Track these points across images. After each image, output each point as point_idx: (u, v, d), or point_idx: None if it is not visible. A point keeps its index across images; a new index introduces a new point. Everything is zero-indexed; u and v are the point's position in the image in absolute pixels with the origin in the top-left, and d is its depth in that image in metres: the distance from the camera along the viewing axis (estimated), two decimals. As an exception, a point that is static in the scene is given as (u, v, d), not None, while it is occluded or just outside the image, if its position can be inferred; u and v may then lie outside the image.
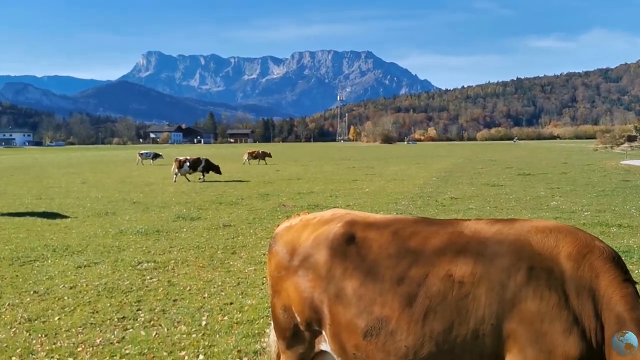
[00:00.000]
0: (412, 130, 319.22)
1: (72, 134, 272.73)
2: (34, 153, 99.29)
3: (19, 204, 18.87)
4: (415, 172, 33.59)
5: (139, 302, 7.49)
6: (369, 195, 20.57)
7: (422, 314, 2.86)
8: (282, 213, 15.89)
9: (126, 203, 18.88)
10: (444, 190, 21.88)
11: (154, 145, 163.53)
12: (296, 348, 3.48)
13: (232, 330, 6.33)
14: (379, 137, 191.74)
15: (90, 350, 5.77)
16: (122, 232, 12.98)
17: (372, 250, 3.17)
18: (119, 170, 40.25)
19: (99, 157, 69.81)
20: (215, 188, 24.08)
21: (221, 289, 8.11)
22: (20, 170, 40.66)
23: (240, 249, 10.95)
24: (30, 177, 32.81)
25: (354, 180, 27.30)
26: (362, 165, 41.92)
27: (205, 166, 29.36)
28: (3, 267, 9.60)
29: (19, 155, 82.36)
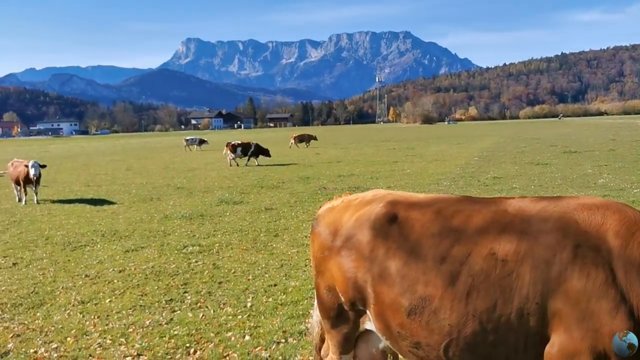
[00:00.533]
0: (453, 110, 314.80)
1: (116, 122, 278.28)
2: (81, 142, 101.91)
3: (69, 191, 19.45)
4: (456, 152, 33.16)
5: (185, 284, 7.65)
6: (410, 176, 20.42)
7: (465, 292, 2.83)
8: (322, 196, 15.93)
9: (170, 188, 19.24)
10: (486, 169, 21.54)
11: (197, 132, 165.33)
12: (341, 327, 3.50)
13: (276, 311, 6.42)
14: (418, 118, 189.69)
15: (141, 332, 5.95)
16: (167, 217, 13.25)
17: (414, 230, 3.15)
18: (162, 156, 40.99)
19: (143, 144, 71.19)
20: (257, 172, 24.29)
21: (265, 271, 8.22)
22: (68, 159, 41.85)
23: (283, 232, 11.05)
24: (78, 165, 33.75)
25: (394, 162, 27.13)
26: (403, 147, 41.57)
27: (255, 150, 29.69)
28: (56, 252, 9.95)
29: (67, 145, 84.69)
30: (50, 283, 7.93)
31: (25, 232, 11.96)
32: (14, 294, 7.46)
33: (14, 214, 14.69)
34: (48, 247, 10.41)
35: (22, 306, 6.93)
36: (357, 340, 3.52)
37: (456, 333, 2.85)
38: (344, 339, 3.52)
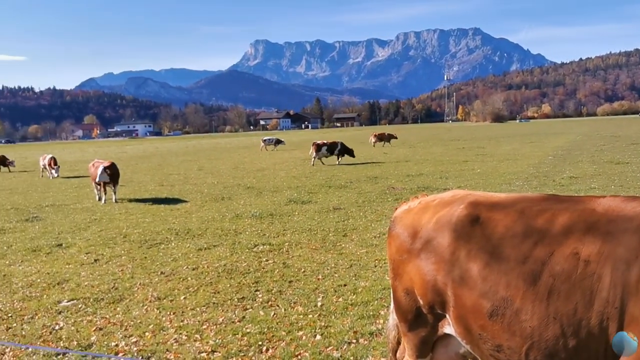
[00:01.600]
0: (525, 108, 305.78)
1: (188, 124, 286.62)
2: (155, 142, 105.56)
3: (144, 191, 20.18)
4: (529, 151, 32.14)
5: (256, 283, 7.78)
6: (481, 176, 19.96)
7: (546, 293, 2.72)
8: (391, 196, 15.83)
9: (240, 188, 19.62)
10: (561, 169, 20.77)
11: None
12: (418, 331, 3.45)
13: (347, 311, 6.42)
14: (488, 116, 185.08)
15: (214, 328, 6.09)
16: (238, 216, 13.51)
17: (497, 230, 3.05)
18: (232, 156, 41.86)
19: (213, 145, 72.96)
20: (325, 172, 24.40)
21: (334, 270, 8.23)
22: (143, 159, 43.44)
23: (351, 232, 11.05)
24: (153, 166, 34.98)
25: (464, 161, 26.60)
26: (472, 146, 40.71)
27: (341, 149, 29.88)
28: (133, 249, 10.34)
29: (142, 145, 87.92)
30: (129, 279, 8.25)
31: (105, 230, 12.49)
32: (96, 289, 7.80)
33: (95, 212, 15.37)
34: (126, 244, 10.83)
35: (104, 301, 7.24)
36: (435, 344, 3.45)
37: (537, 336, 2.74)
38: (421, 343, 3.47)
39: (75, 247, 10.76)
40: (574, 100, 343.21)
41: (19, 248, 10.86)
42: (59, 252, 10.40)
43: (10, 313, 6.90)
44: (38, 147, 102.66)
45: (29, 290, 7.90)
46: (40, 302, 7.30)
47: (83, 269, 8.95)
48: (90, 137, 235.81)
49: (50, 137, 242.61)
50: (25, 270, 9.03)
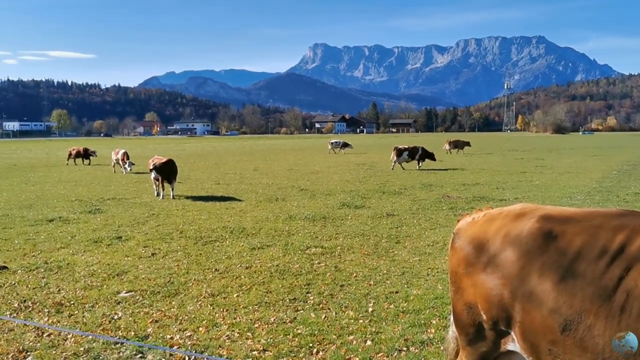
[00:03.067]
0: (589, 120, 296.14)
1: (245, 124, 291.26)
2: (212, 142, 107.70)
3: (200, 189, 20.61)
4: (592, 164, 31.12)
5: (308, 285, 7.82)
6: (539, 188, 19.45)
7: (619, 308, 2.64)
8: (446, 204, 15.63)
9: (294, 190, 19.78)
10: (626, 184, 20.01)
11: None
12: (479, 346, 3.38)
13: (398, 318, 6.38)
14: (549, 127, 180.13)
15: (266, 328, 6.16)
16: (291, 217, 13.63)
17: (572, 245, 2.96)
18: (287, 158, 42.25)
19: (269, 146, 73.83)
20: (379, 178, 24.31)
21: (386, 277, 8.20)
22: (201, 158, 44.40)
23: (404, 239, 10.97)
24: (210, 164, 35.69)
25: (522, 172, 25.99)
26: (531, 157, 39.73)
27: (422, 154, 29.59)
28: (189, 245, 10.59)
29: (200, 144, 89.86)
30: (184, 274, 8.45)
31: (162, 225, 12.82)
32: (153, 282, 8.02)
33: (153, 207, 15.81)
34: (182, 240, 11.09)
35: (160, 294, 7.44)
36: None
37: (609, 353, 2.67)
38: (481, 358, 3.41)
39: (134, 240, 11.09)
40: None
41: (81, 238, 11.28)
42: (118, 244, 10.75)
43: (73, 300, 7.18)
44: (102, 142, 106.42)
45: (90, 279, 8.20)
46: (101, 291, 7.57)
47: (141, 262, 9.23)
48: (150, 133, 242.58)
49: (113, 133, 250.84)
50: (87, 260, 9.38)
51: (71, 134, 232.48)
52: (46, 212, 14.86)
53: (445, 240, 10.64)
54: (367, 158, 40.49)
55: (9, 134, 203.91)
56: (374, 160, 37.11)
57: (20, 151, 62.82)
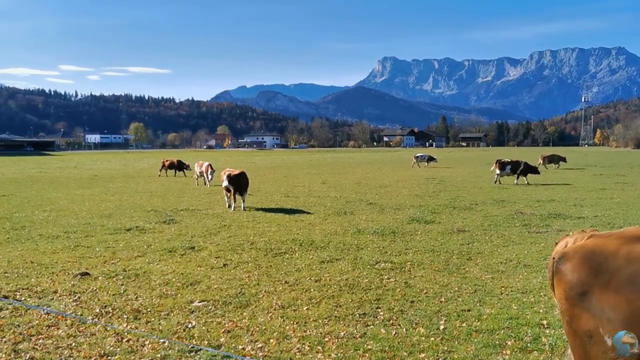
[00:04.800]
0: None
1: (313, 137, 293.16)
2: (281, 154, 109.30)
3: (270, 201, 20.91)
4: (677, 181, 29.41)
5: (378, 300, 7.77)
6: (620, 206, 18.56)
7: None
8: (519, 221, 15.17)
9: (362, 204, 19.73)
10: None
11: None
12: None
13: (471, 337, 6.22)
14: (631, 142, 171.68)
15: (336, 342, 6.15)
16: (360, 232, 13.59)
17: None
18: (355, 172, 42.25)
19: (336, 159, 74.12)
20: (449, 192, 23.90)
21: (458, 294, 8.03)
22: (270, 170, 45.10)
23: (476, 256, 10.72)
24: (279, 177, 36.20)
25: (601, 189, 24.88)
26: (611, 173, 37.99)
27: (524, 169, 28.94)
28: (260, 256, 10.75)
29: (269, 157, 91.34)
30: (255, 286, 8.57)
31: (234, 236, 13.09)
32: (224, 292, 8.19)
33: (224, 219, 16.16)
34: (253, 251, 11.27)
35: (231, 305, 7.58)
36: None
37: None
38: None
39: (206, 250, 11.37)
40: None
41: (157, 248, 11.68)
42: (192, 254, 11.05)
43: (149, 308, 7.43)
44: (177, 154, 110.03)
45: (165, 288, 8.46)
46: (175, 300, 7.80)
47: (213, 272, 9.44)
48: (221, 146, 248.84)
49: (186, 145, 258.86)
50: (162, 269, 9.69)
51: (147, 146, 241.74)
52: (124, 222, 15.48)
53: (519, 258, 10.33)
54: (450, 172, 39.90)
55: (90, 145, 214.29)
56: (444, 175, 36.54)
57: (101, 162, 65.86)
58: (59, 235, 13.27)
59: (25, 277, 9.15)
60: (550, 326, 6.50)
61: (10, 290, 8.32)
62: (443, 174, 37.49)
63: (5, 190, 26.14)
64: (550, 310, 7.06)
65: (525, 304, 7.52)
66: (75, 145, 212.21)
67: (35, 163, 62.83)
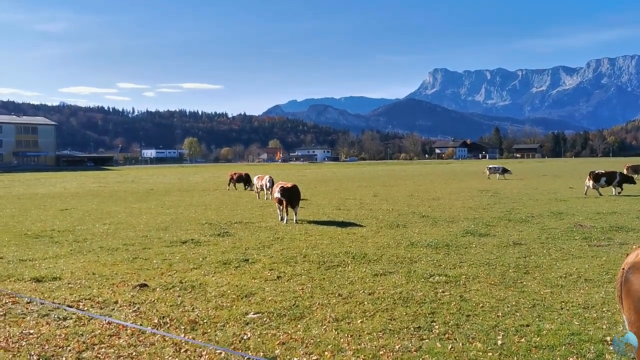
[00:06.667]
0: None
1: (364, 150, 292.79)
2: (332, 167, 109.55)
3: (322, 214, 20.98)
4: None
5: (432, 314, 7.67)
6: (687, 218, 17.76)
7: None
8: (578, 234, 14.71)
9: (415, 216, 19.55)
10: None
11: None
12: None
13: (530, 354, 6.06)
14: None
15: (391, 355, 6.10)
16: (413, 244, 13.47)
17: None
18: (407, 184, 41.94)
19: (388, 172, 73.73)
20: (504, 205, 23.41)
21: (515, 309, 7.84)
22: (322, 183, 45.27)
23: (534, 269, 10.44)
24: (330, 189, 36.29)
25: (665, 201, 23.88)
26: (676, 184, 36.36)
27: (620, 180, 28.39)
28: (313, 269, 10.79)
29: (320, 170, 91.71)
30: (308, 298, 8.60)
31: (287, 249, 13.18)
32: (279, 304, 8.25)
33: (277, 232, 16.31)
34: (306, 264, 11.32)
35: (286, 317, 7.63)
36: None
37: None
38: None
39: (260, 263, 11.50)
40: None
41: (212, 260, 11.88)
42: (246, 266, 11.19)
43: (206, 319, 7.55)
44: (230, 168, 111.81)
45: (221, 300, 8.59)
46: (231, 312, 7.90)
47: (267, 285, 9.53)
48: (274, 160, 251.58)
49: (239, 159, 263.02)
50: (217, 281, 9.85)
51: (201, 160, 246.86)
52: (180, 234, 15.83)
53: (580, 273, 10.02)
54: (505, 184, 39.12)
55: (147, 160, 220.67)
56: (498, 187, 35.82)
57: (157, 176, 67.61)
58: (118, 247, 13.69)
59: (88, 287, 9.47)
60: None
61: (73, 300, 8.63)
62: (497, 186, 36.76)
63: (67, 204, 27.17)
64: (614, 326, 6.81)
65: (587, 319, 7.27)
66: (133, 160, 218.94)
67: (95, 178, 65.09)
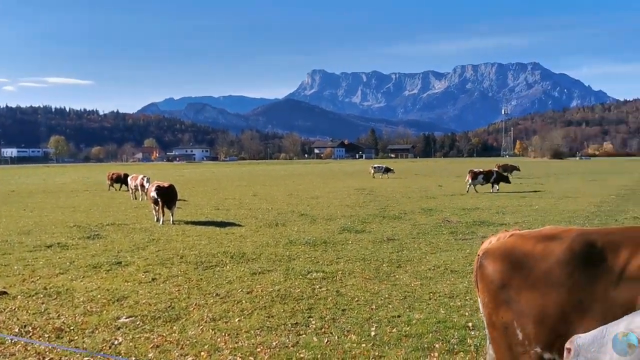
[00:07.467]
0: (585, 145, 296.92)
1: (243, 150, 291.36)
2: (211, 167, 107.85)
3: (200, 214, 20.59)
4: (590, 189, 31.15)
5: (310, 309, 7.79)
6: (539, 212, 19.46)
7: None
8: (446, 229, 15.62)
9: (294, 215, 19.76)
10: (624, 208, 20.03)
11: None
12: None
13: (401, 342, 6.34)
14: (547, 152, 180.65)
15: (268, 352, 6.12)
16: (292, 242, 13.60)
17: (618, 256, 3.07)
18: (286, 183, 42.27)
19: (267, 172, 73.90)
20: (379, 202, 24.31)
21: (388, 301, 8.16)
22: (200, 183, 44.41)
23: (405, 263, 10.94)
24: (209, 189, 35.70)
25: (521, 197, 26.01)
26: (530, 182, 39.80)
27: (497, 178, 30.25)
28: (190, 270, 10.55)
29: (199, 170, 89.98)
30: (185, 299, 8.40)
31: (163, 250, 12.79)
32: (153, 307, 7.98)
33: (153, 233, 15.78)
34: (182, 265, 11.05)
35: (160, 319, 7.39)
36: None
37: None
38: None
39: (133, 265, 11.06)
40: (637, 138, 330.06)
41: (80, 264, 11.24)
42: (118, 269, 10.71)
43: (73, 326, 7.13)
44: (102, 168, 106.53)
45: (90, 305, 8.15)
46: (101, 317, 7.53)
47: (141, 287, 9.19)
48: (149, 159, 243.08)
49: (112, 159, 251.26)
50: (87, 286, 9.34)
51: (69, 160, 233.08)
52: (44, 238, 14.82)
53: (447, 265, 10.62)
54: (380, 183, 40.48)
55: (7, 160, 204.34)
56: (374, 186, 37.14)
57: (19, 177, 62.78)
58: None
59: (-64, 298, 8.59)
60: (475, 328, 6.72)
61: None
62: (373, 185, 38.10)
63: None
64: (476, 312, 7.29)
65: (452, 308, 7.74)
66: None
67: (-54, 179, 59.23)
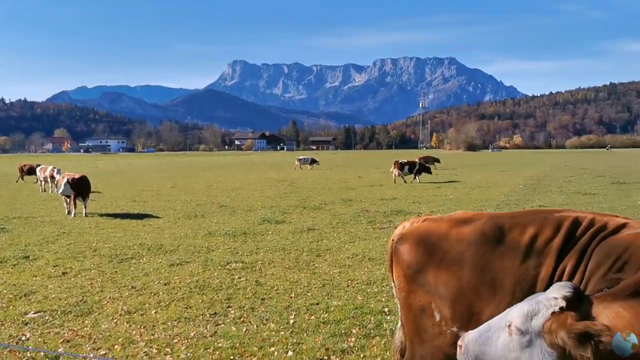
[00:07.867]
0: (497, 138, 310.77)
1: (162, 141, 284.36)
2: (128, 159, 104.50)
3: (115, 206, 19.94)
4: (500, 179, 32.66)
5: (228, 299, 7.73)
6: (453, 202, 20.21)
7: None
8: (364, 218, 15.92)
9: (214, 206, 19.52)
10: (531, 197, 21.15)
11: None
12: (435, 347, 3.39)
13: (319, 329, 6.42)
14: (462, 145, 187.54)
15: (186, 343, 6.03)
16: (211, 234, 13.43)
17: (524, 234, 3.21)
18: (206, 175, 41.66)
19: (187, 163, 72.53)
20: (299, 193, 24.43)
21: (307, 289, 8.24)
22: (115, 175, 42.96)
23: (325, 252, 11.06)
24: (125, 181, 34.60)
25: (437, 187, 26.92)
26: (445, 172, 41.23)
27: (419, 168, 31.40)
28: (104, 263, 10.20)
29: (115, 161, 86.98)
30: (98, 293, 8.13)
31: (74, 244, 12.29)
32: (64, 301, 7.67)
33: (64, 226, 15.12)
34: (96, 258, 10.67)
35: (72, 314, 7.12)
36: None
37: None
38: (431, 356, 3.43)
39: (42, 259, 10.56)
40: (544, 132, 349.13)
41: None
42: (25, 264, 10.20)
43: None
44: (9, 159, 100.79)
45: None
46: (7, 313, 7.15)
47: (50, 282, 8.80)
48: (60, 150, 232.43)
49: (19, 149, 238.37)
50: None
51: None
52: (-56, 232, 13.88)
53: (365, 253, 10.84)
54: (301, 174, 40.54)
55: None
56: (295, 177, 37.26)
57: None
58: None
59: None
60: (391, 313, 6.91)
61: None
62: (294, 176, 38.22)
63: None
64: (392, 298, 7.48)
65: (369, 294, 7.91)
66: None
67: None
